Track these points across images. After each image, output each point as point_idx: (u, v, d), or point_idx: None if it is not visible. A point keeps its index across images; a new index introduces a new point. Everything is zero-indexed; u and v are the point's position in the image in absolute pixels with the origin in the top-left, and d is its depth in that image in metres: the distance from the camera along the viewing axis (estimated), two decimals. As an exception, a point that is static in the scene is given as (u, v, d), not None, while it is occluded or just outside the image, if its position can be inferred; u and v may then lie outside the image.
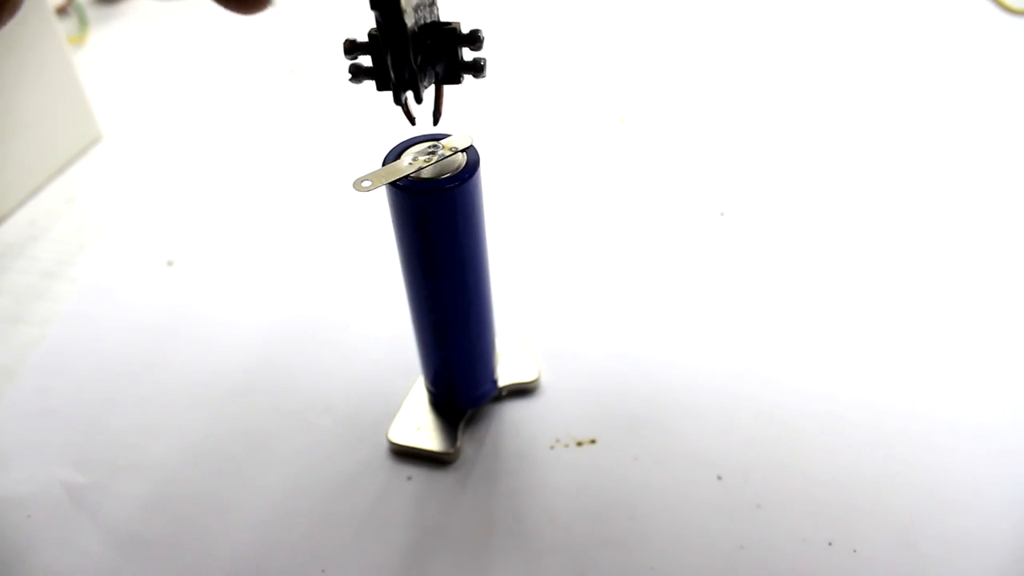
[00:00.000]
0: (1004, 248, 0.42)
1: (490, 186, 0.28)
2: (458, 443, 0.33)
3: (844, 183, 0.47)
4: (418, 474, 0.33)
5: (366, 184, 0.25)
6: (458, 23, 0.24)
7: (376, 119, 0.48)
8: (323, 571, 0.30)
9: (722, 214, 0.45)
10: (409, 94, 0.24)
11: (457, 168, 0.26)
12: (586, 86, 0.57)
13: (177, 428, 0.35)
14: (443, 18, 0.25)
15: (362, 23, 0.22)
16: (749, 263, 0.42)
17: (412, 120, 0.26)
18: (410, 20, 0.23)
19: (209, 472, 0.33)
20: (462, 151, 0.27)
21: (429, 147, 0.27)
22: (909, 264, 0.41)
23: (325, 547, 0.31)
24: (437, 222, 0.27)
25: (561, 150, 0.51)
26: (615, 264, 0.42)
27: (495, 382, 0.35)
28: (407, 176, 0.26)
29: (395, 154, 0.27)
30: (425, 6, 0.24)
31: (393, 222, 0.28)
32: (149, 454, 0.34)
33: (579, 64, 0.59)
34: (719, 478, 0.32)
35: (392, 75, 0.24)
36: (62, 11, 0.65)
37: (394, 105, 0.25)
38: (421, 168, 0.26)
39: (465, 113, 0.26)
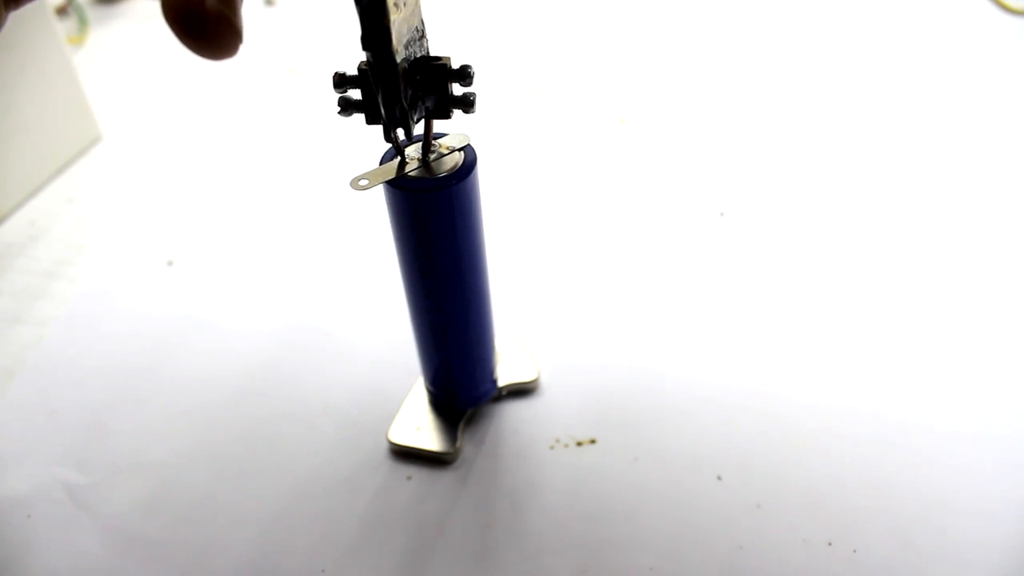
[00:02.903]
0: (1004, 249, 0.42)
1: (490, 186, 0.28)
2: (458, 443, 0.33)
3: (844, 183, 0.47)
4: (418, 474, 0.33)
5: (363, 183, 0.25)
6: (448, 58, 0.24)
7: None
8: (323, 571, 0.30)
9: (722, 214, 0.45)
10: (399, 130, 0.24)
11: (454, 167, 0.26)
12: (586, 86, 0.57)
13: (177, 428, 0.35)
14: (434, 52, 0.24)
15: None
16: (749, 263, 0.42)
17: (402, 155, 0.26)
18: (400, 57, 0.22)
19: (209, 472, 0.33)
20: (459, 150, 0.27)
21: (433, 147, 0.27)
22: (908, 264, 0.41)
23: (324, 547, 0.31)
24: (434, 221, 0.27)
25: (561, 150, 0.51)
26: (615, 264, 0.42)
27: (494, 382, 0.35)
28: (404, 175, 0.26)
29: (391, 154, 0.27)
30: (415, 41, 0.24)
31: (391, 222, 0.28)
32: (149, 454, 0.34)
33: (579, 64, 0.59)
34: (719, 478, 0.32)
35: (383, 112, 0.24)
36: (62, 11, 0.65)
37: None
38: (418, 167, 0.26)
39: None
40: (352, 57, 0.26)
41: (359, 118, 0.25)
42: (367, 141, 0.51)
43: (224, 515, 0.32)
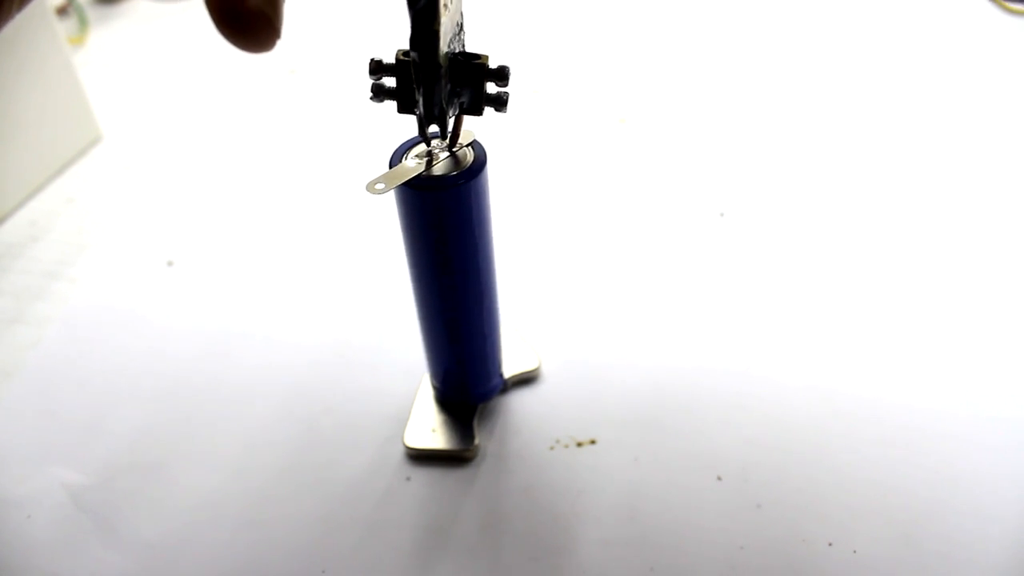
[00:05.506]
0: (1003, 247, 0.42)
1: (491, 187, 0.28)
2: (476, 440, 0.33)
3: (844, 183, 0.47)
4: (417, 475, 0.33)
5: (379, 187, 0.25)
6: (486, 57, 0.24)
7: (375, 119, 0.48)
8: (323, 571, 0.30)
9: (722, 214, 0.45)
10: (434, 126, 0.25)
11: (466, 163, 0.26)
12: (586, 86, 0.57)
13: (177, 428, 0.35)
14: (469, 47, 0.25)
15: (362, 24, 0.22)
16: (749, 263, 0.42)
17: (430, 151, 0.27)
18: (442, 53, 0.23)
19: (208, 472, 0.33)
20: (467, 145, 0.27)
21: (436, 145, 0.27)
22: (909, 264, 0.41)
23: (325, 548, 0.31)
24: (453, 217, 0.27)
25: (561, 150, 0.51)
26: (615, 264, 0.42)
27: (502, 375, 0.35)
28: (419, 175, 0.26)
29: (400, 155, 0.27)
30: (456, 36, 0.24)
31: (404, 223, 0.28)
32: (149, 455, 0.34)
33: (579, 64, 0.59)
34: (719, 478, 0.32)
35: (422, 109, 0.24)
36: (62, 11, 0.65)
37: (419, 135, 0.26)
38: (433, 165, 0.26)
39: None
40: (352, 57, 0.26)
41: (362, 119, 0.25)
42: (368, 141, 0.51)
43: (224, 515, 0.32)
